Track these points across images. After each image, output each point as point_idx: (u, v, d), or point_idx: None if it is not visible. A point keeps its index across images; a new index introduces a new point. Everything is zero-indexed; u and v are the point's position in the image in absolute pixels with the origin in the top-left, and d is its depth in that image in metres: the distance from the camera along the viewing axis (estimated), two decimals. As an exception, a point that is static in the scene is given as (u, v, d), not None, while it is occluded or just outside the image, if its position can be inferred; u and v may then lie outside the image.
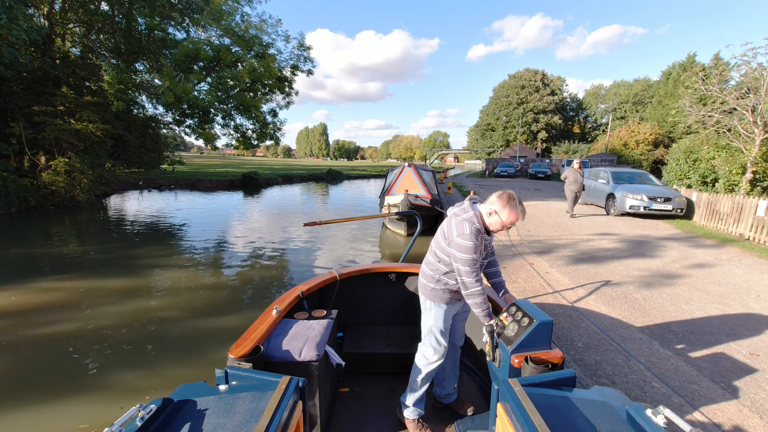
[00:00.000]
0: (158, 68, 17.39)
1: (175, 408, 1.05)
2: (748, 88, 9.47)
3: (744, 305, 4.30)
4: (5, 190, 11.26)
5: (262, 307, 4.86)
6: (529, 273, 5.37)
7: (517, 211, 1.83)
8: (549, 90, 54.24)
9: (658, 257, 6.29)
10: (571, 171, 9.83)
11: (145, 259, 7.12)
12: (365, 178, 38.10)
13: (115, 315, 4.53)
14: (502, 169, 31.00)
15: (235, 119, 20.59)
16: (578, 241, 7.38)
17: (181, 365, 3.56)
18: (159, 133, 19.74)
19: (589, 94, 59.21)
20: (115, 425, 0.88)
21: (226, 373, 1.26)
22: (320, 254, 7.79)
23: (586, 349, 3.26)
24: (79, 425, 2.70)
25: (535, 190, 19.06)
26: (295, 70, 20.95)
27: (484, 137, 59.74)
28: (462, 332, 2.28)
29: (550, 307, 4.20)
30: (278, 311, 2.11)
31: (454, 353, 2.27)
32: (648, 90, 46.92)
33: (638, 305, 4.25)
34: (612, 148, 33.16)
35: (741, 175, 9.50)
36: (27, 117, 12.46)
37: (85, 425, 2.69)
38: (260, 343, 1.79)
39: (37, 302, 4.88)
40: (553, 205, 12.76)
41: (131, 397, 3.05)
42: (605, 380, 2.81)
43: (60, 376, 3.32)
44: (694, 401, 2.58)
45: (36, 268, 6.35)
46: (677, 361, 3.09)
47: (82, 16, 15.59)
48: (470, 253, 1.82)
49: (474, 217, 1.86)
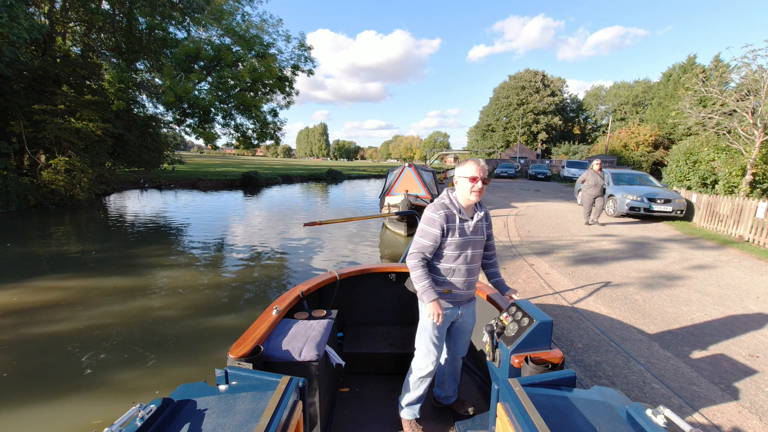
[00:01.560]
0: (159, 67, 17.40)
1: (175, 408, 1.05)
2: (748, 90, 9.48)
3: (743, 307, 4.30)
4: (5, 189, 11.25)
5: (262, 307, 4.87)
6: (529, 274, 5.37)
7: (472, 163, 1.87)
8: (549, 91, 54.25)
9: (658, 258, 6.29)
10: (590, 173, 8.80)
11: (145, 258, 7.12)
12: (365, 178, 38.10)
13: (115, 314, 4.53)
14: (502, 170, 31.00)
15: (235, 119, 20.63)
16: (578, 242, 7.39)
17: (181, 365, 3.56)
18: (159, 132, 19.77)
19: (589, 96, 59.24)
20: (115, 425, 0.88)
21: (226, 373, 1.26)
22: (320, 254, 7.79)
23: (586, 349, 3.26)
24: (79, 424, 2.70)
25: (535, 190, 19.06)
26: (295, 70, 20.99)
27: (485, 138, 59.75)
28: (465, 344, 2.17)
29: (550, 307, 4.20)
30: (278, 311, 2.11)
31: (455, 362, 2.20)
32: (648, 91, 46.93)
33: (638, 306, 4.25)
34: (612, 149, 33.17)
35: (741, 177, 9.50)
36: (27, 115, 12.46)
37: (85, 424, 2.70)
38: (260, 343, 1.78)
39: (37, 301, 4.88)
40: (553, 206, 12.76)
41: (131, 397, 3.05)
42: (605, 381, 2.81)
43: (60, 374, 3.32)
44: (694, 402, 2.58)
45: (36, 267, 6.34)
46: (677, 363, 3.09)
47: (82, 15, 15.60)
48: (426, 224, 1.88)
49: (445, 197, 1.95)
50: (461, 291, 1.98)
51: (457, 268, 1.93)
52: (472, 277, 2.01)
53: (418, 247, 1.89)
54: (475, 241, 1.94)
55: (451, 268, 1.93)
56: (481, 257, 2.03)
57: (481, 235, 1.98)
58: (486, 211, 2.05)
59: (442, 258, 1.93)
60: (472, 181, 1.84)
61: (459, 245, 1.89)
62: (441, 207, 1.88)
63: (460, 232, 1.88)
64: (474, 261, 1.97)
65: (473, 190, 1.84)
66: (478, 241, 1.97)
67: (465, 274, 1.95)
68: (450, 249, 1.90)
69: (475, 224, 1.94)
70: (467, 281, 1.97)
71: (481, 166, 1.86)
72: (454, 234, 1.88)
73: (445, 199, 1.93)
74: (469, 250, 1.92)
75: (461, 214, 1.89)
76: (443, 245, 1.90)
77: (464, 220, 1.90)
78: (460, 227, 1.88)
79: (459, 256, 1.91)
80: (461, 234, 1.89)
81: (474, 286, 2.05)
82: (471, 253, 1.93)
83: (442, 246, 1.90)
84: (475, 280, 2.05)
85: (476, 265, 2.00)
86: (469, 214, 1.94)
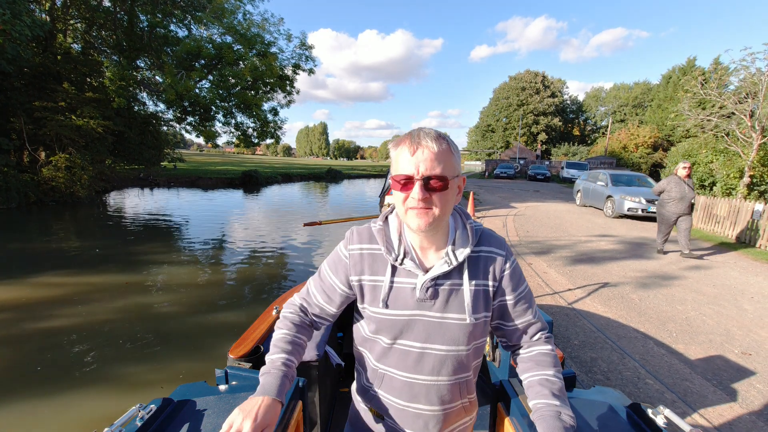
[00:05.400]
0: (160, 65, 17.43)
1: (175, 408, 1.05)
2: (746, 93, 9.55)
3: (738, 306, 4.36)
4: (5, 186, 11.28)
5: (262, 306, 4.90)
6: (528, 273, 5.43)
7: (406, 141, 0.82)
8: (549, 92, 54.34)
9: (655, 259, 6.35)
10: (674, 181, 6.20)
11: (145, 256, 7.16)
12: (365, 177, 38.13)
13: (115, 310, 4.57)
14: (502, 170, 31.10)
15: (236, 117, 20.65)
16: (576, 243, 7.45)
17: (181, 362, 3.60)
18: (160, 130, 19.78)
19: (589, 97, 59.36)
20: (114, 425, 0.88)
21: (226, 373, 1.25)
22: (320, 254, 7.83)
23: (582, 346, 3.32)
24: (79, 421, 2.72)
25: (535, 191, 19.13)
26: (296, 69, 21.01)
27: (485, 138, 59.83)
28: None
29: (547, 306, 4.25)
30: (278, 311, 2.12)
31: None
32: (648, 93, 47.03)
33: (634, 305, 4.31)
34: (611, 150, 33.27)
35: (738, 179, 9.57)
36: (28, 112, 12.48)
37: (84, 420, 2.72)
38: (260, 343, 1.77)
39: (36, 297, 4.91)
40: (552, 207, 12.83)
41: (130, 394, 3.08)
42: (600, 376, 2.87)
43: (60, 372, 3.34)
44: (687, 397, 2.63)
45: (36, 264, 6.37)
46: (671, 359, 3.15)
47: (83, 12, 15.62)
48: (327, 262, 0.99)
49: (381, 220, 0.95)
50: (404, 430, 0.94)
51: (389, 374, 0.92)
52: (432, 407, 0.90)
53: (302, 292, 1.03)
54: (431, 323, 0.87)
55: (377, 371, 0.94)
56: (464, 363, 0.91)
57: (456, 312, 0.87)
58: (493, 253, 0.91)
59: (366, 345, 0.96)
60: (403, 188, 0.81)
61: (388, 326, 0.88)
62: (363, 237, 0.93)
63: (382, 297, 0.88)
64: (435, 368, 0.88)
65: (409, 207, 0.82)
66: (444, 325, 0.87)
67: (407, 392, 0.90)
68: (372, 329, 0.92)
69: (433, 285, 0.86)
70: (419, 413, 0.91)
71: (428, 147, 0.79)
72: (376, 300, 0.89)
73: (377, 223, 0.93)
74: (419, 344, 0.88)
75: (398, 259, 0.87)
76: (363, 316, 0.95)
77: (406, 273, 0.88)
78: (390, 286, 0.88)
79: (390, 351, 0.91)
80: (385, 300, 0.88)
81: (452, 420, 0.96)
82: (422, 351, 0.88)
83: (362, 316, 0.96)
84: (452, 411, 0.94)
85: (440, 381, 0.89)
86: (423, 253, 0.90)
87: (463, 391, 0.93)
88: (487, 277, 0.90)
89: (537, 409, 0.84)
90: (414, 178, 0.79)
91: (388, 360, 0.91)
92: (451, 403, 0.92)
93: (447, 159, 0.80)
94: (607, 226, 9.32)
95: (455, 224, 0.92)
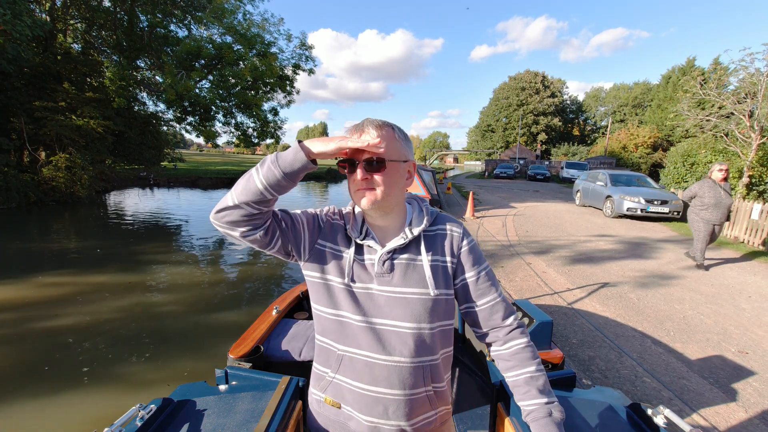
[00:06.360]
0: (160, 65, 17.44)
1: (175, 408, 1.06)
2: (745, 93, 9.57)
3: (735, 305, 4.38)
4: (5, 185, 11.28)
5: (263, 306, 4.92)
6: (527, 272, 5.44)
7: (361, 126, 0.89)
8: (549, 92, 54.37)
9: (654, 259, 6.37)
10: (708, 185, 5.43)
11: (145, 255, 7.17)
12: (365, 177, 38.02)
13: (115, 310, 4.58)
14: (502, 170, 31.09)
15: (236, 117, 20.66)
16: (576, 242, 7.46)
17: (181, 362, 3.61)
18: (160, 130, 19.79)
19: (589, 97, 59.40)
20: (114, 425, 0.89)
21: (226, 373, 1.26)
22: (320, 252, 7.84)
23: (580, 345, 3.34)
24: (79, 420, 2.73)
25: (534, 191, 19.15)
26: (296, 69, 21.02)
27: (484, 138, 59.85)
28: None
29: (546, 305, 4.27)
30: (278, 311, 2.11)
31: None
32: (647, 93, 47.04)
33: (632, 304, 4.33)
34: (611, 150, 33.28)
35: (737, 179, 9.59)
36: (28, 112, 12.48)
37: (84, 420, 2.72)
38: (260, 343, 1.78)
39: (37, 296, 4.92)
40: (552, 207, 12.85)
41: (130, 393, 3.09)
42: (598, 374, 2.89)
43: (60, 372, 3.35)
44: (683, 395, 2.65)
45: (36, 263, 6.39)
46: (668, 358, 3.16)
47: (83, 12, 15.63)
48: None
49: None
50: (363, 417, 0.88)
51: (349, 354, 0.89)
52: (394, 391, 0.86)
53: None
54: (392, 298, 0.87)
55: (332, 350, 0.92)
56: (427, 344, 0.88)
57: (416, 286, 0.88)
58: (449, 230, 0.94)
59: (328, 329, 0.93)
60: (350, 172, 0.89)
61: (344, 299, 0.89)
62: (336, 213, 1.00)
63: (346, 270, 0.89)
64: (396, 347, 0.86)
65: (356, 189, 0.88)
66: (406, 300, 0.87)
67: (367, 374, 0.87)
68: (325, 304, 0.91)
69: (389, 258, 0.89)
70: (379, 397, 0.86)
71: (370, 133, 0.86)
72: (335, 270, 0.90)
73: (347, 207, 1.02)
74: (380, 319, 0.87)
75: (361, 237, 0.92)
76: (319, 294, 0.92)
77: (367, 250, 0.91)
78: (353, 261, 0.90)
79: (351, 328, 0.88)
80: (349, 275, 0.89)
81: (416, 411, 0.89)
82: (383, 327, 0.87)
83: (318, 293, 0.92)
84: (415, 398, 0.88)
85: (403, 362, 0.86)
86: (382, 234, 0.93)
87: (426, 376, 0.89)
88: (444, 253, 0.92)
89: (528, 412, 0.88)
90: (356, 161, 0.86)
91: (348, 339, 0.89)
92: (414, 388, 0.87)
93: (388, 143, 0.86)
94: (606, 226, 9.34)
95: (412, 209, 0.98)
